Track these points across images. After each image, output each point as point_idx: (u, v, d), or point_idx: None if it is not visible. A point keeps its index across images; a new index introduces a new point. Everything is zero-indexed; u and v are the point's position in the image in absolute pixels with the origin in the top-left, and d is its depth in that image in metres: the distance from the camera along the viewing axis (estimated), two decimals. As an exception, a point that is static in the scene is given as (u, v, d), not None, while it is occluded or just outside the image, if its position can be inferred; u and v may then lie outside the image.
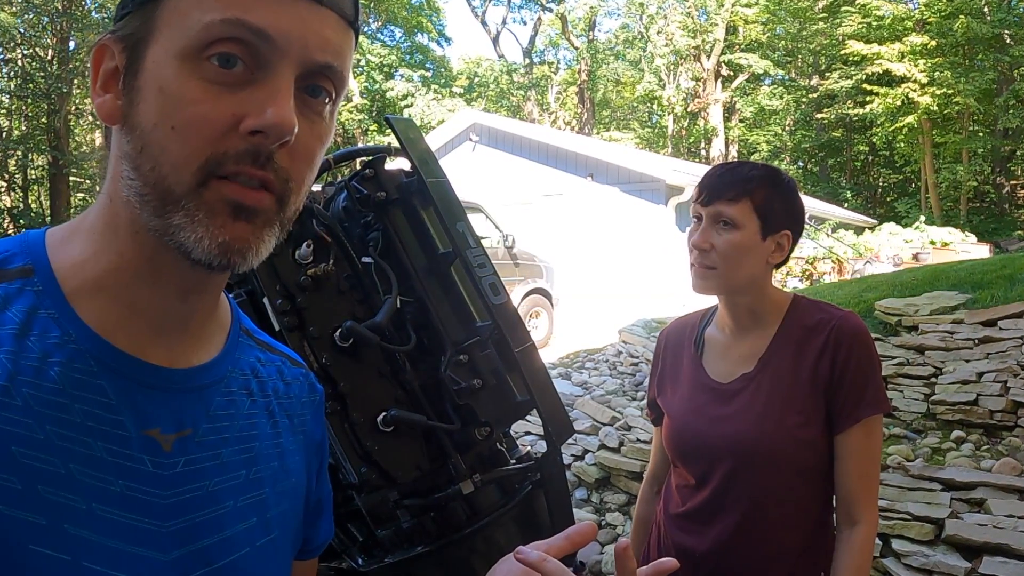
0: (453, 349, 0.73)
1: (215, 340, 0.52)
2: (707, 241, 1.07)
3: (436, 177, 0.74)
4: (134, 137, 0.43)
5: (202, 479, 0.47)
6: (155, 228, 0.43)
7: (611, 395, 3.96)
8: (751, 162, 1.13)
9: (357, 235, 0.75)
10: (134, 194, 0.44)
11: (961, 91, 16.47)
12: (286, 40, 0.43)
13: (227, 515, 0.48)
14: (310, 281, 0.68)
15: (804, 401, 1.06)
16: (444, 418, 0.73)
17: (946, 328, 3.70)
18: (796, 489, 1.07)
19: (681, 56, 22.57)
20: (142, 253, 0.45)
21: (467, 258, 0.73)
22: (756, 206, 1.07)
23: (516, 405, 0.76)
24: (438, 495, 0.72)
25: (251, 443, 0.51)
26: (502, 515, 0.74)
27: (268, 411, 0.54)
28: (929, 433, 3.01)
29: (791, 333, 1.11)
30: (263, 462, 0.52)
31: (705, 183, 1.10)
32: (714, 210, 1.08)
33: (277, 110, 0.42)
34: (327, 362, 0.67)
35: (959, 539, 2.14)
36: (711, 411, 1.12)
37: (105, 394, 0.44)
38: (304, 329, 0.67)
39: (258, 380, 0.54)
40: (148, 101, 0.43)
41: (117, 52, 0.45)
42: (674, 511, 1.17)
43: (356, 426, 0.68)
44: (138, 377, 0.45)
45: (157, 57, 0.43)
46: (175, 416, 0.47)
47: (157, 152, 0.42)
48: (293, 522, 0.55)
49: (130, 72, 0.44)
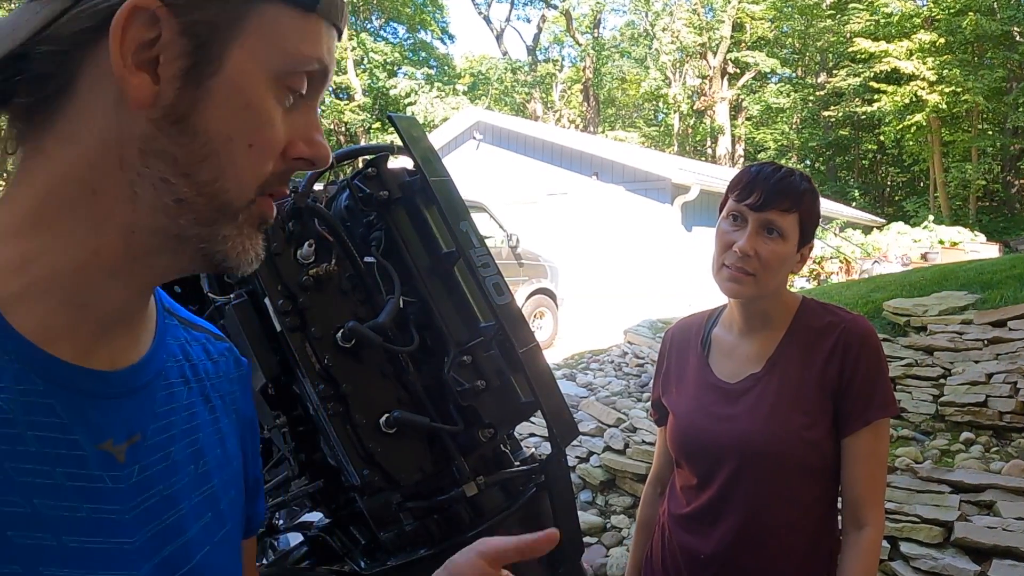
0: (456, 350, 0.72)
1: (147, 328, 0.48)
2: (753, 248, 1.05)
3: (439, 176, 0.73)
4: (196, 142, 0.40)
5: (157, 483, 0.45)
6: (192, 236, 0.42)
7: (616, 396, 3.95)
8: (791, 168, 1.10)
9: (359, 234, 0.74)
10: (168, 198, 0.40)
11: (970, 89, 16.34)
12: (329, 75, 0.45)
13: (185, 516, 0.47)
14: (312, 281, 0.67)
15: (811, 403, 1.06)
16: (447, 420, 0.72)
17: (955, 329, 3.67)
18: (801, 490, 1.06)
19: (687, 53, 22.48)
20: (128, 253, 0.42)
21: (471, 258, 0.72)
22: (801, 219, 1.07)
23: (520, 407, 0.75)
24: (441, 497, 0.71)
25: (195, 435, 0.50)
26: (506, 518, 0.73)
27: (204, 396, 0.52)
28: (938, 435, 2.98)
29: (800, 335, 1.11)
30: (208, 452, 0.51)
31: (758, 186, 1.06)
32: (765, 217, 1.05)
33: (322, 140, 0.45)
34: (329, 363, 0.67)
35: (968, 542, 2.12)
36: (717, 410, 1.11)
37: (56, 414, 0.40)
38: (306, 329, 0.66)
39: (190, 364, 0.52)
40: (226, 110, 0.40)
41: (171, 30, 0.38)
42: (678, 512, 1.16)
43: (359, 428, 0.67)
44: (86, 388, 0.42)
45: (244, 66, 0.40)
46: (125, 424, 0.44)
47: (226, 165, 0.41)
48: (239, 508, 0.54)
49: (200, 67, 0.39)
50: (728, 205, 1.10)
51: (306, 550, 0.78)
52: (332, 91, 22.65)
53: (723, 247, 1.08)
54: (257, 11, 0.40)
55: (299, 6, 0.42)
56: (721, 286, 1.09)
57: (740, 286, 1.07)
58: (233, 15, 0.39)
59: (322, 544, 0.77)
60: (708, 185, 10.15)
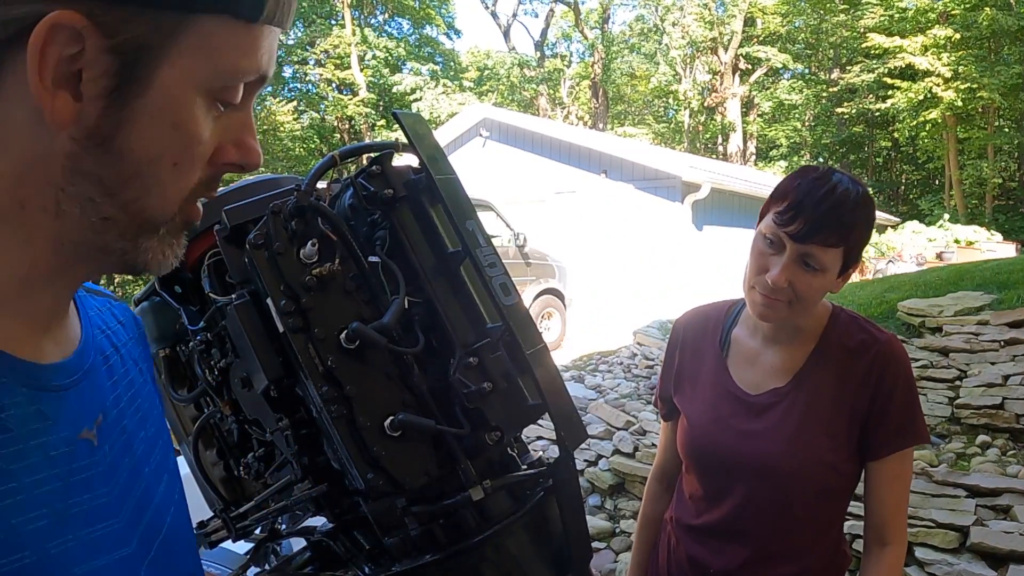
0: (462, 351, 0.71)
1: (74, 312, 0.50)
2: (786, 280, 0.95)
3: (445, 174, 0.72)
4: (121, 163, 0.39)
5: (123, 458, 0.47)
6: (116, 249, 0.42)
7: (625, 399, 3.94)
8: (847, 184, 0.96)
9: (363, 234, 0.73)
10: (94, 217, 0.40)
11: (986, 85, 16.12)
12: (268, 77, 0.44)
13: (150, 483, 0.49)
14: (315, 281, 0.66)
15: (838, 427, 1.03)
16: (453, 422, 0.71)
17: (971, 329, 3.63)
18: (818, 512, 1.04)
19: (698, 49, 22.31)
20: (58, 262, 0.42)
21: (477, 257, 0.71)
22: (846, 253, 0.96)
23: (528, 409, 0.74)
24: (447, 502, 0.70)
25: (137, 401, 0.52)
26: (513, 522, 0.72)
27: (133, 360, 0.54)
28: (953, 438, 2.94)
29: (830, 352, 1.05)
30: (149, 415, 0.53)
31: (803, 213, 0.93)
32: (805, 250, 0.94)
33: (255, 144, 0.43)
34: (333, 364, 0.65)
35: (984, 547, 2.09)
36: (737, 424, 1.07)
37: (46, 418, 0.42)
38: (309, 330, 0.65)
39: (110, 332, 0.54)
40: (153, 131, 0.38)
41: (96, 49, 0.36)
42: (688, 521, 1.14)
43: (363, 430, 0.66)
44: (55, 384, 0.43)
45: (174, 85, 0.38)
46: (89, 407, 0.46)
47: (151, 184, 0.40)
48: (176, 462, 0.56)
49: (126, 87, 0.37)
50: (767, 222, 0.98)
51: (309, 555, 0.77)
52: (336, 86, 22.64)
53: (757, 270, 0.99)
54: (193, 27, 0.38)
55: (241, 18, 0.39)
56: (751, 308, 1.02)
57: (772, 312, 0.99)
58: (165, 32, 0.37)
59: (325, 549, 0.76)
60: (719, 183, 10.08)
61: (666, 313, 6.54)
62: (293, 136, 20.64)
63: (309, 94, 23.61)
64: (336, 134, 22.80)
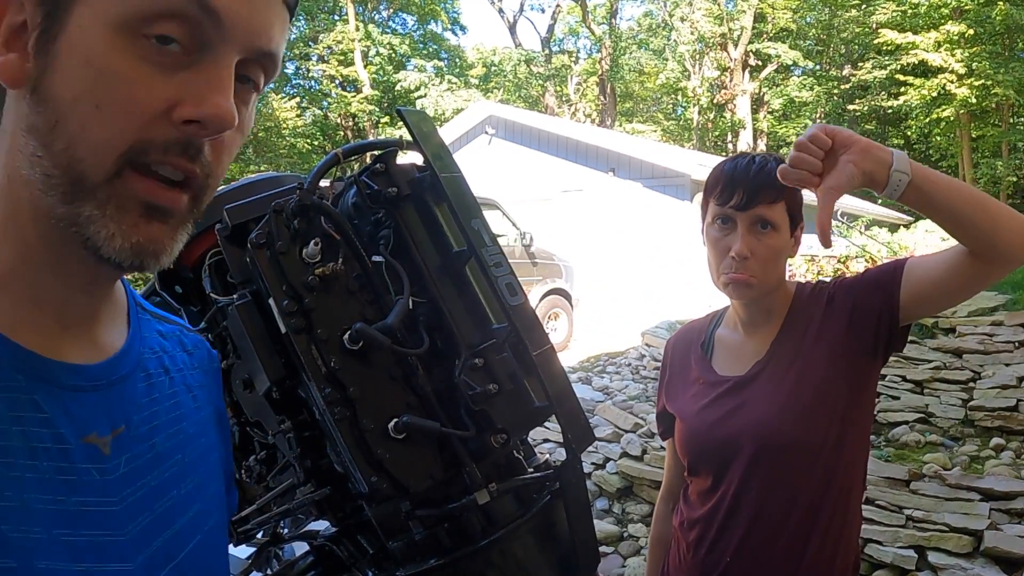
0: (468, 352, 0.70)
1: (118, 322, 0.49)
2: (749, 249, 1.03)
3: (450, 172, 0.71)
4: (47, 109, 0.39)
5: (144, 475, 0.46)
6: (61, 217, 0.40)
7: (633, 400, 3.91)
8: (763, 155, 1.08)
9: (367, 233, 0.72)
10: (39, 174, 0.39)
11: (1000, 82, 15.92)
12: (233, 23, 0.40)
13: (174, 507, 0.47)
14: (318, 281, 0.65)
15: (823, 367, 1.03)
16: (458, 425, 0.70)
17: (985, 330, 3.58)
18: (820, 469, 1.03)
19: (707, 45, 22.17)
20: (45, 241, 0.41)
21: (483, 257, 0.70)
22: (788, 205, 1.05)
23: (534, 411, 0.73)
24: (452, 505, 0.69)
25: (179, 424, 0.50)
26: (519, 526, 0.71)
27: (186, 386, 0.53)
28: (967, 440, 2.90)
29: (797, 315, 1.11)
30: (193, 441, 0.51)
31: (738, 184, 1.03)
32: (754, 214, 1.03)
33: (221, 100, 0.39)
34: (336, 366, 0.65)
35: (999, 551, 2.06)
36: (726, 403, 1.10)
37: (40, 409, 0.41)
38: (312, 331, 0.65)
39: (168, 355, 0.53)
40: (69, 71, 0.38)
41: (29, 5, 0.39)
42: (693, 515, 1.13)
43: (366, 433, 0.65)
44: (65, 381, 0.43)
45: (85, 22, 0.38)
46: (108, 415, 0.45)
47: (75, 130, 0.38)
48: (222, 499, 0.55)
49: (47, 32, 0.38)
50: (712, 209, 1.08)
51: (312, 560, 0.76)
52: (339, 83, 22.58)
53: (719, 255, 1.06)
54: None
55: None
56: (728, 292, 1.08)
57: (747, 290, 1.06)
58: None
59: (328, 554, 0.76)
60: (728, 181, 10.01)
61: (675, 313, 6.50)
62: (296, 133, 20.62)
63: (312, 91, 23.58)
64: (339, 131, 22.77)
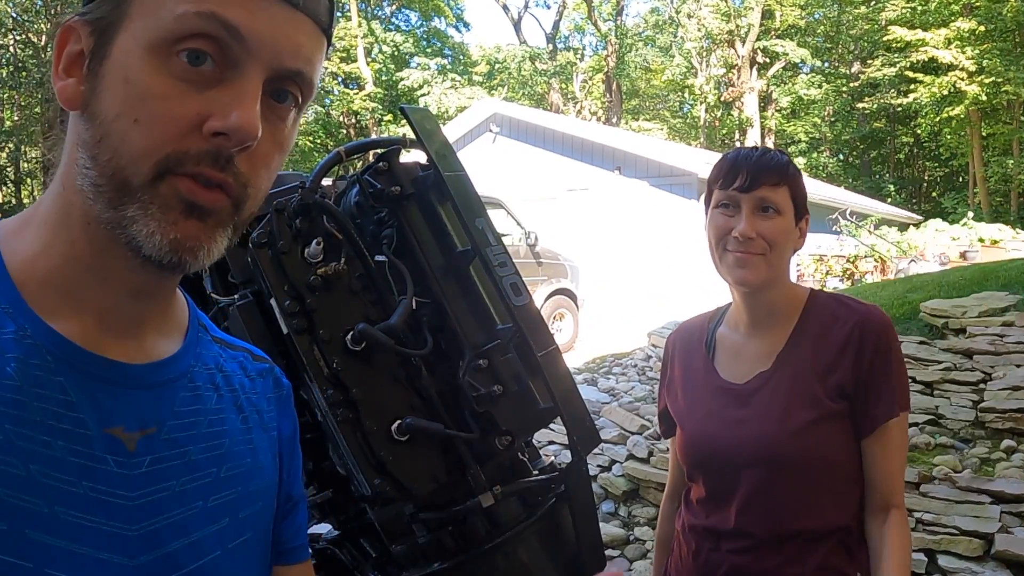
0: (472, 353, 0.70)
1: (174, 337, 0.51)
2: (754, 229, 1.02)
3: (454, 171, 0.70)
4: (94, 126, 0.43)
5: (169, 479, 0.46)
6: (108, 220, 0.43)
7: (640, 402, 3.89)
8: (766, 147, 1.10)
9: (370, 232, 0.72)
10: (88, 184, 0.43)
11: (1011, 79, 15.75)
12: (258, 41, 0.43)
13: (195, 516, 0.47)
14: (320, 281, 0.65)
15: (825, 399, 1.02)
16: (462, 427, 0.70)
17: (996, 331, 3.54)
18: (825, 491, 1.02)
19: (714, 41, 22.02)
20: (93, 246, 0.45)
21: (487, 257, 0.69)
22: (792, 192, 1.06)
23: (539, 413, 0.72)
24: (456, 508, 0.69)
25: (220, 439, 0.51)
26: (524, 530, 0.70)
27: (237, 406, 0.53)
28: (978, 442, 2.87)
29: (809, 328, 1.07)
30: (234, 459, 0.51)
31: (741, 168, 1.04)
32: (758, 196, 1.03)
33: (242, 113, 0.42)
34: (338, 367, 0.64)
35: (1010, 555, 2.03)
36: (728, 414, 1.07)
37: (65, 391, 0.43)
38: (314, 332, 0.64)
39: (223, 375, 0.54)
40: (112, 90, 0.43)
41: (84, 35, 0.44)
42: (698, 523, 1.11)
43: (369, 435, 0.65)
44: (97, 373, 0.45)
45: (126, 46, 0.43)
46: (138, 414, 0.46)
47: (117, 143, 0.42)
48: (265, 523, 0.54)
49: (96, 58, 0.44)
50: (716, 196, 1.08)
51: (314, 563, 0.76)
52: (342, 80, 22.48)
53: (720, 236, 1.05)
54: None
55: None
56: (729, 275, 1.06)
57: (750, 269, 1.03)
58: (121, 3, 0.43)
59: (331, 557, 0.75)
60: (736, 180, 9.96)
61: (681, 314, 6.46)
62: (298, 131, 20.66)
63: (314, 88, 23.52)
64: (342, 129, 22.73)
